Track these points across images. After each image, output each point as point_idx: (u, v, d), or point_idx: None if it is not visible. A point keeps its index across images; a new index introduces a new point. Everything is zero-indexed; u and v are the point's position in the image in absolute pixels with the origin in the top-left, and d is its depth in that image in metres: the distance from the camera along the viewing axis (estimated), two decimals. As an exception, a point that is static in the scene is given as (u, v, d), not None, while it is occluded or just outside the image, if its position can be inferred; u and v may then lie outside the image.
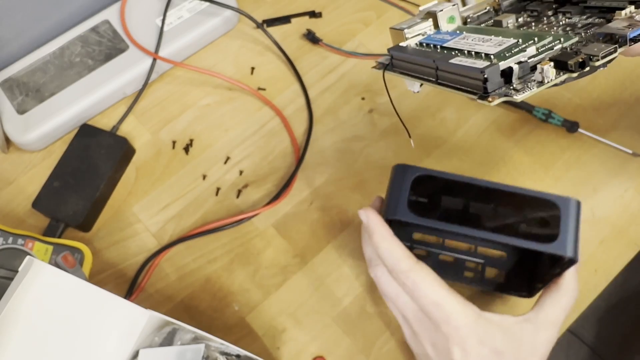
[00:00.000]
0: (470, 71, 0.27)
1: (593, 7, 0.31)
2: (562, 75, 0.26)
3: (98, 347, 0.35)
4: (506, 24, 0.33)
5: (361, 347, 0.44)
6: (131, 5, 0.56)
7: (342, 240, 0.48)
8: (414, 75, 0.32)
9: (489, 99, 0.26)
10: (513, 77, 0.27)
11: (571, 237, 0.32)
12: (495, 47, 0.28)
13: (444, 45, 0.31)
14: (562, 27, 0.31)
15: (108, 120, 0.54)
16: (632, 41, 0.26)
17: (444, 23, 0.34)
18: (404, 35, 0.34)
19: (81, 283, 0.36)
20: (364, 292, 0.46)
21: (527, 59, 0.27)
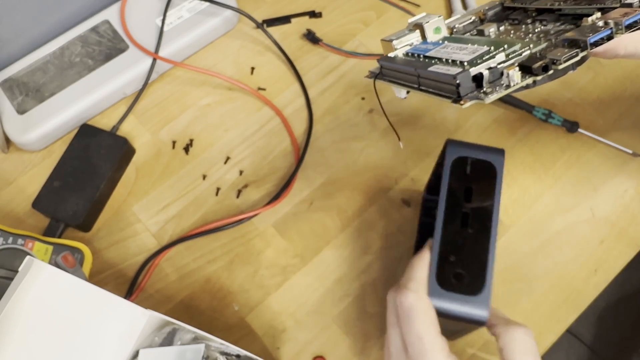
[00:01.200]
0: (445, 77, 0.29)
1: (567, 14, 0.33)
2: (528, 78, 0.28)
3: (98, 347, 0.35)
4: (488, 33, 0.35)
5: (361, 347, 0.44)
6: (131, 5, 0.56)
7: (342, 240, 0.48)
8: (400, 82, 0.34)
9: (461, 102, 0.28)
10: (484, 82, 0.29)
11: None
12: (469, 54, 0.30)
13: (426, 54, 0.34)
14: (537, 34, 0.33)
15: (108, 120, 0.54)
16: (593, 45, 0.28)
17: (430, 34, 0.36)
18: (393, 46, 0.36)
19: (81, 283, 0.36)
20: (364, 292, 0.46)
21: (497, 64, 0.29)
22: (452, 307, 0.31)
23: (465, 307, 0.31)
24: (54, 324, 0.35)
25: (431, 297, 0.32)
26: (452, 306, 0.31)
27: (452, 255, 0.33)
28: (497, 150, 0.35)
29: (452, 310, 0.31)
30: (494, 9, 0.38)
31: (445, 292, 0.32)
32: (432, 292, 0.32)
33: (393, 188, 0.50)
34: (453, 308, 0.31)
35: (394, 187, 0.50)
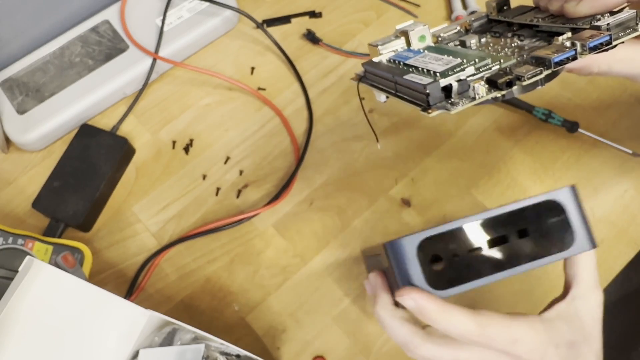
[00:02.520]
0: (417, 86, 0.31)
1: (543, 31, 0.35)
2: (493, 92, 0.29)
3: (98, 347, 0.35)
4: (469, 44, 0.37)
5: (361, 347, 0.44)
6: (131, 5, 0.56)
7: (342, 240, 0.48)
8: (381, 87, 0.36)
9: (429, 111, 0.30)
10: (452, 93, 0.30)
11: (583, 230, 0.34)
12: (443, 66, 0.31)
13: (406, 62, 0.35)
14: (512, 49, 0.34)
15: (108, 120, 0.54)
16: (557, 64, 0.29)
17: (415, 41, 0.37)
18: (378, 51, 0.37)
19: (81, 283, 0.36)
20: (364, 292, 0.46)
21: (466, 77, 0.30)
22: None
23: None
24: (54, 324, 0.35)
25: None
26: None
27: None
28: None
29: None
30: (479, 21, 0.40)
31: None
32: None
33: (393, 188, 0.50)
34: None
35: (394, 187, 0.50)
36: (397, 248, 0.32)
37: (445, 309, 0.31)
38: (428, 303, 0.31)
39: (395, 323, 0.34)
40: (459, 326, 0.31)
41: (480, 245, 0.32)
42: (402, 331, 0.33)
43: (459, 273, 0.32)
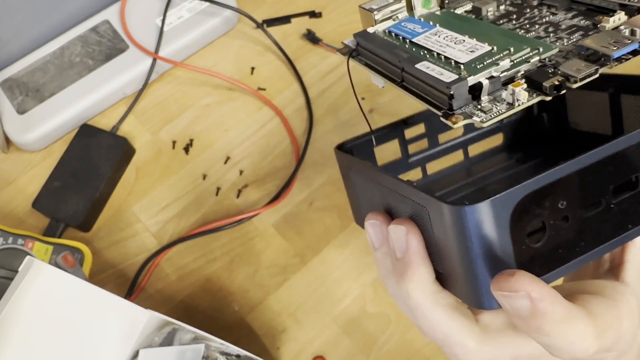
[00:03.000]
0: (436, 83, 0.24)
1: (581, 2, 0.28)
2: (535, 97, 0.23)
3: (98, 347, 0.35)
4: (485, 13, 0.30)
5: (361, 347, 0.44)
6: (131, 5, 0.56)
7: (342, 240, 0.48)
8: (379, 70, 0.29)
9: (453, 119, 0.23)
10: (482, 94, 0.24)
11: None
12: (467, 53, 0.25)
13: (413, 40, 0.28)
14: (544, 27, 0.27)
15: (108, 120, 0.54)
16: (616, 61, 0.23)
17: (419, 5, 0.30)
18: (373, 18, 0.30)
19: (81, 283, 0.36)
20: (364, 292, 0.46)
21: (500, 73, 0.24)
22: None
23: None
24: (54, 324, 0.35)
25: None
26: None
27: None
28: None
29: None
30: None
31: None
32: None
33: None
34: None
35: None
36: (474, 215, 0.21)
37: (570, 316, 0.21)
38: (554, 306, 0.20)
39: (440, 313, 0.23)
40: (578, 343, 0.22)
41: (602, 198, 0.23)
42: (449, 327, 0.23)
43: (566, 246, 0.22)
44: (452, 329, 0.23)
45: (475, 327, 0.23)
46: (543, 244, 0.22)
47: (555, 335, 0.21)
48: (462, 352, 0.23)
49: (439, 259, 0.24)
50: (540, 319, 0.20)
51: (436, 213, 0.22)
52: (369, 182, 0.29)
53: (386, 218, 0.26)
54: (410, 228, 0.24)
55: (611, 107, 0.33)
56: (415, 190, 0.23)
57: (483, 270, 0.21)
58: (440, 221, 0.22)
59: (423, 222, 0.24)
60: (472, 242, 0.21)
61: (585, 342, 0.22)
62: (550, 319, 0.20)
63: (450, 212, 0.21)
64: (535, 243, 0.22)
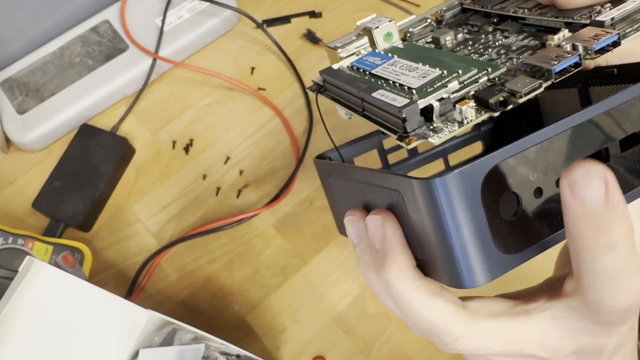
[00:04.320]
0: (390, 108, 0.25)
1: (531, 25, 0.29)
2: (483, 114, 0.24)
3: (98, 347, 0.35)
4: (444, 42, 0.31)
5: (361, 347, 0.44)
6: (131, 5, 0.56)
7: (342, 240, 0.48)
8: (343, 102, 0.30)
9: (406, 140, 0.24)
10: (434, 115, 0.24)
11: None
12: (419, 79, 0.26)
13: (372, 71, 0.29)
14: (497, 50, 0.29)
15: (108, 120, 0.54)
16: (558, 75, 0.23)
17: (380, 40, 0.32)
18: (338, 55, 0.31)
19: (81, 283, 0.36)
20: (364, 292, 0.46)
21: (450, 94, 0.25)
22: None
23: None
24: (54, 324, 0.35)
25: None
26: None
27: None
28: None
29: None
30: (452, 10, 0.34)
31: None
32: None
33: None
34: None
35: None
36: (444, 186, 0.20)
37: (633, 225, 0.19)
38: (623, 202, 0.19)
39: (423, 300, 0.22)
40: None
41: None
42: (434, 314, 0.22)
43: (542, 220, 0.22)
44: (438, 316, 0.22)
45: (462, 312, 0.22)
46: (518, 217, 0.22)
47: (624, 248, 0.19)
48: (450, 340, 0.22)
49: (418, 245, 0.24)
50: (614, 214, 0.18)
51: (409, 194, 0.23)
52: (346, 183, 0.29)
53: (364, 213, 0.26)
54: (386, 216, 0.24)
55: (581, 101, 0.34)
56: (387, 174, 0.24)
57: (459, 246, 0.21)
58: (413, 201, 0.22)
59: (399, 209, 0.24)
60: (445, 216, 0.21)
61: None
62: (622, 219, 0.18)
63: (421, 186, 0.21)
64: (511, 216, 0.22)
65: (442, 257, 0.22)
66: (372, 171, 0.26)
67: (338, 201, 0.32)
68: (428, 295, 0.22)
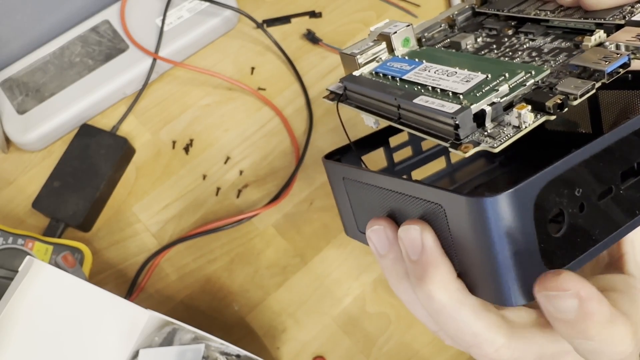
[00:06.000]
0: (439, 115, 0.24)
1: (556, 27, 0.29)
2: (540, 117, 0.23)
3: (98, 347, 0.35)
4: (465, 46, 0.31)
5: (361, 347, 0.44)
6: (131, 5, 0.56)
7: (342, 240, 0.48)
8: (371, 110, 0.29)
9: (462, 147, 0.23)
10: (486, 121, 0.24)
11: None
12: (463, 83, 0.25)
13: (403, 77, 0.28)
14: (527, 52, 0.28)
15: (108, 120, 0.54)
16: (609, 75, 0.23)
17: (399, 46, 0.31)
18: (356, 61, 0.30)
19: (81, 283, 0.36)
20: (364, 292, 0.46)
21: (500, 98, 0.24)
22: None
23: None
24: (54, 324, 0.35)
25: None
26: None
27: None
28: None
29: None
30: (464, 14, 0.34)
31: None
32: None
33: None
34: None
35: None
36: (496, 206, 0.20)
37: (614, 317, 0.20)
38: (602, 306, 0.20)
39: (468, 313, 0.22)
40: (620, 345, 0.21)
41: (612, 185, 0.23)
42: (478, 326, 0.22)
43: (583, 235, 0.22)
44: (482, 327, 0.22)
45: (503, 323, 0.22)
46: (563, 234, 0.22)
47: (599, 339, 0.20)
48: (492, 350, 0.22)
49: (456, 258, 0.23)
50: (588, 320, 0.19)
51: (454, 209, 0.22)
52: (367, 188, 0.29)
53: (389, 222, 0.25)
54: (424, 227, 0.23)
55: (589, 106, 0.34)
56: (429, 187, 0.23)
57: (508, 265, 0.21)
58: (459, 217, 0.22)
59: (437, 220, 0.23)
60: (496, 236, 0.20)
61: (625, 343, 0.21)
62: (596, 321, 0.20)
63: (471, 204, 0.21)
64: (556, 233, 0.22)
65: (487, 274, 0.22)
66: (408, 182, 0.25)
67: (354, 205, 0.31)
68: (472, 307, 0.22)
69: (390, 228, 0.25)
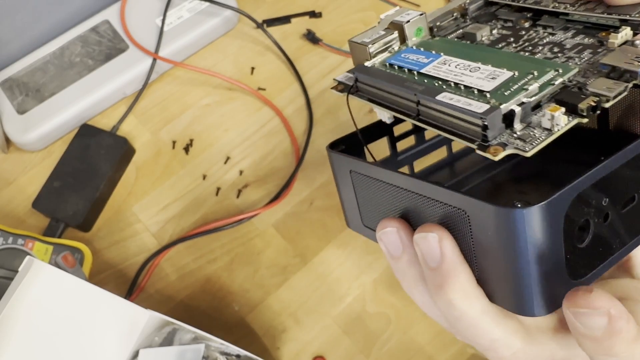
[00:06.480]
0: (466, 114, 0.23)
1: (577, 21, 0.28)
2: (572, 120, 0.22)
3: (98, 347, 0.35)
4: (480, 38, 0.29)
5: (361, 347, 0.44)
6: (131, 5, 0.56)
7: (342, 240, 0.48)
8: (386, 105, 0.27)
9: (492, 150, 0.21)
10: (515, 122, 0.22)
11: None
12: (488, 80, 0.24)
13: (421, 71, 0.26)
14: (549, 48, 0.27)
15: (108, 120, 0.54)
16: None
17: (411, 36, 0.30)
18: (368, 51, 0.28)
19: (81, 283, 0.36)
20: (364, 292, 0.46)
21: (531, 98, 0.23)
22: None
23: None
24: (54, 324, 0.35)
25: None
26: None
27: None
28: None
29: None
30: (475, 3, 0.32)
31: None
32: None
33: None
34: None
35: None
36: (528, 218, 0.19)
37: (639, 334, 0.20)
38: (629, 324, 0.20)
39: (488, 320, 0.22)
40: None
41: (635, 193, 0.22)
42: (497, 332, 0.22)
43: (604, 244, 0.22)
44: (501, 333, 0.22)
45: (521, 328, 0.23)
46: (588, 244, 0.21)
47: (624, 356, 0.20)
48: (509, 354, 0.22)
49: (475, 263, 0.23)
50: (615, 338, 0.19)
51: (480, 217, 0.21)
52: (378, 185, 0.27)
53: (402, 224, 0.25)
54: (443, 234, 0.22)
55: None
56: (454, 192, 0.22)
57: (533, 277, 0.20)
58: (485, 225, 0.21)
59: (458, 225, 0.23)
60: (523, 247, 0.20)
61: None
62: (624, 339, 0.20)
63: (500, 215, 0.20)
64: (581, 243, 0.21)
65: (509, 284, 0.21)
66: (430, 184, 0.24)
67: (360, 199, 0.30)
68: (493, 315, 0.22)
69: (404, 230, 0.24)
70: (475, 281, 0.22)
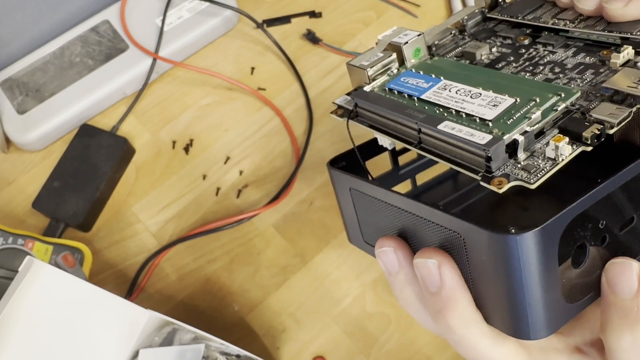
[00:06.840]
0: (469, 145, 0.22)
1: (577, 38, 0.27)
2: (577, 148, 0.21)
3: (98, 347, 0.35)
4: (480, 57, 0.29)
5: (361, 347, 0.44)
6: (131, 5, 0.56)
7: (342, 240, 0.48)
8: (386, 131, 0.27)
9: (496, 183, 0.21)
10: (518, 151, 0.22)
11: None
12: (490, 108, 0.23)
13: (421, 97, 0.26)
14: (550, 68, 0.26)
15: (108, 120, 0.54)
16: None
17: (410, 57, 0.29)
18: (367, 74, 0.28)
19: (81, 283, 0.36)
20: (364, 292, 0.46)
21: (534, 127, 0.22)
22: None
23: None
24: (54, 324, 0.35)
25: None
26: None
27: None
28: None
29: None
30: (473, 19, 0.32)
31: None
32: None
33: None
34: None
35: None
36: (522, 243, 0.19)
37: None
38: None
39: (487, 343, 0.22)
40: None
41: (634, 214, 0.22)
42: (497, 353, 0.22)
43: (601, 267, 0.22)
44: (500, 355, 0.22)
45: (521, 350, 0.23)
46: (584, 267, 0.21)
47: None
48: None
49: (471, 286, 0.22)
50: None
51: (475, 242, 0.21)
52: (377, 204, 0.27)
53: (400, 243, 0.25)
54: (442, 260, 0.22)
55: None
56: (448, 215, 0.22)
57: (529, 301, 0.20)
58: (480, 249, 0.21)
59: (454, 247, 0.22)
60: (518, 272, 0.20)
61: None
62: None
63: (495, 241, 0.20)
64: (577, 267, 0.21)
65: (506, 308, 0.21)
66: (425, 206, 0.23)
67: (360, 216, 0.30)
68: (492, 337, 0.22)
69: (401, 250, 0.24)
70: (474, 306, 0.22)
